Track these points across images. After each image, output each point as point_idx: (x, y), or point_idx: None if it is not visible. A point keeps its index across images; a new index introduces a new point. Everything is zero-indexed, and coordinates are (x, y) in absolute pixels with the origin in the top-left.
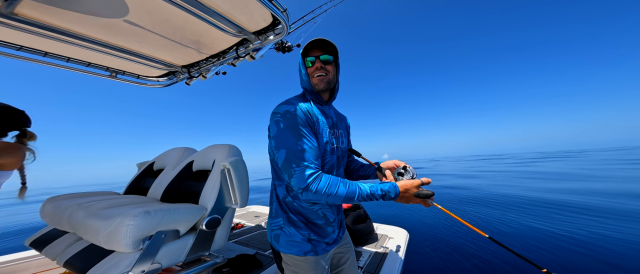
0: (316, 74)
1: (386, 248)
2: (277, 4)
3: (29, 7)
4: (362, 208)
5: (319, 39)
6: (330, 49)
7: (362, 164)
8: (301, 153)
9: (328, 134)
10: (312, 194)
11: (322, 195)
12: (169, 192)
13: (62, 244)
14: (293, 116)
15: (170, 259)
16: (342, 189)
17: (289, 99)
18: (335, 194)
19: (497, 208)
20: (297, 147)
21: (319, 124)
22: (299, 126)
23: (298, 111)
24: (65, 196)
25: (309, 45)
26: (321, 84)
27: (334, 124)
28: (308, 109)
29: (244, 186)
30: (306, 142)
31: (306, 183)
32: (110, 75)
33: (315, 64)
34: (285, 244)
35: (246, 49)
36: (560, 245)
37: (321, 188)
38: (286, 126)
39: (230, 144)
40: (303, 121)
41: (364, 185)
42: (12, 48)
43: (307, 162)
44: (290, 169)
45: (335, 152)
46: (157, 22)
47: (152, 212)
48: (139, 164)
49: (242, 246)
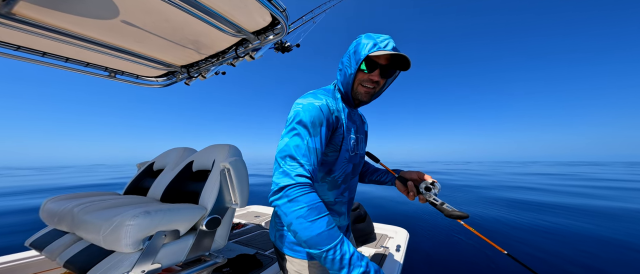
0: (366, 84)
1: (386, 248)
2: (276, 3)
3: (27, 7)
4: (362, 207)
5: (399, 54)
6: (401, 64)
7: (377, 169)
8: (305, 150)
9: (349, 140)
10: (284, 202)
11: (293, 211)
12: (169, 193)
13: (62, 244)
14: (316, 109)
15: (170, 259)
16: (322, 223)
17: (316, 91)
18: (310, 222)
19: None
20: (303, 141)
21: (343, 128)
22: (318, 122)
23: (324, 107)
24: (65, 196)
25: (374, 52)
26: (365, 97)
27: (357, 129)
28: (336, 109)
29: (244, 185)
30: (317, 142)
31: (287, 183)
32: (109, 75)
33: (373, 74)
34: (292, 246)
35: (245, 49)
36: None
37: (300, 201)
38: (304, 116)
39: (230, 144)
40: (323, 120)
41: (350, 244)
42: (10, 48)
43: (304, 162)
44: (280, 160)
45: (353, 160)
46: (156, 22)
47: (152, 212)
48: (139, 165)
49: (242, 246)
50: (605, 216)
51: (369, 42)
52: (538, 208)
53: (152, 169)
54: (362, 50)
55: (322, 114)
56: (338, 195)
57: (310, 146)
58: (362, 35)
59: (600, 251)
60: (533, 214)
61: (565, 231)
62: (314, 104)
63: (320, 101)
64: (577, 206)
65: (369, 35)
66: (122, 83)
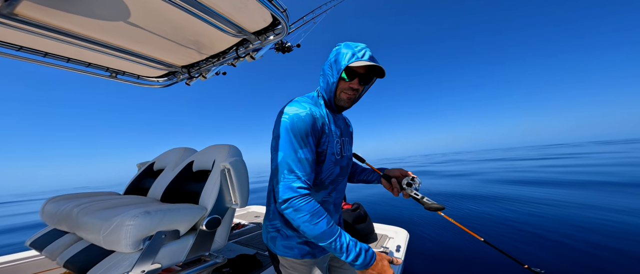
0: (347, 92)
1: (386, 248)
2: (276, 4)
3: (29, 8)
4: (362, 207)
5: (375, 65)
6: (378, 72)
7: (364, 169)
8: (298, 163)
9: (335, 144)
10: (291, 210)
11: (299, 218)
12: (169, 193)
13: (62, 244)
14: (302, 120)
15: (170, 259)
16: (323, 223)
17: (300, 99)
18: (313, 224)
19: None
20: (296, 154)
21: (329, 133)
22: (305, 133)
23: (309, 116)
24: (66, 196)
25: (354, 63)
26: (347, 103)
27: (342, 132)
28: (320, 115)
29: (244, 186)
30: (307, 152)
31: (290, 196)
32: (110, 75)
33: (352, 82)
34: (283, 246)
35: (246, 49)
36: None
37: (303, 209)
38: (292, 129)
39: (230, 144)
40: (311, 128)
41: (346, 235)
42: (12, 48)
43: (300, 174)
44: (281, 174)
45: (339, 163)
46: (157, 22)
47: (152, 212)
48: (139, 165)
49: (242, 246)
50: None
51: (348, 51)
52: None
53: (152, 169)
54: (342, 60)
55: (308, 124)
56: (325, 195)
57: (302, 157)
58: (341, 45)
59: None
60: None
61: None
62: (299, 115)
63: (305, 110)
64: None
65: (348, 45)
66: (123, 83)
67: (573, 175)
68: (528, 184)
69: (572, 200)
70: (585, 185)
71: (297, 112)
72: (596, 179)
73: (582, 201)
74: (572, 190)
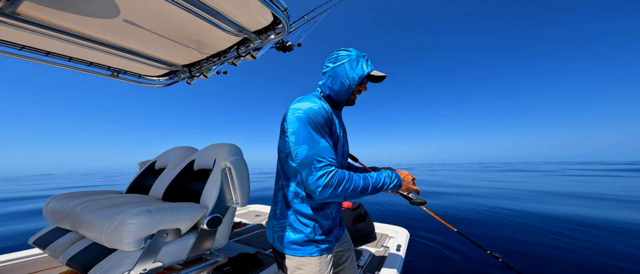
0: (357, 94)
1: (387, 248)
2: (277, 3)
3: (31, 7)
4: (362, 207)
5: (383, 76)
6: (379, 78)
7: (356, 168)
8: (324, 150)
9: (340, 138)
10: (330, 189)
11: (341, 190)
12: (170, 192)
13: (65, 242)
14: (317, 114)
15: (171, 258)
16: (358, 181)
17: (307, 97)
18: (353, 188)
19: None
20: (320, 144)
21: (335, 127)
22: (321, 125)
23: (322, 110)
24: (68, 194)
25: (373, 71)
26: (354, 102)
27: (344, 129)
28: (329, 111)
29: (245, 185)
30: (328, 141)
31: (328, 178)
32: (112, 74)
33: (363, 86)
34: (290, 245)
35: (247, 48)
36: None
37: (341, 182)
38: (309, 122)
39: (231, 143)
40: (325, 121)
41: (379, 175)
42: (15, 48)
43: (330, 159)
44: (311, 166)
45: (344, 155)
46: (158, 21)
47: (154, 211)
48: (141, 163)
49: (243, 245)
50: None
51: (360, 59)
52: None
53: (153, 168)
54: (360, 67)
55: (324, 117)
56: None
57: (325, 145)
58: (352, 51)
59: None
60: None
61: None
62: (314, 108)
63: (317, 104)
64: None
65: (356, 51)
66: (125, 82)
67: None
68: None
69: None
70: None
71: (310, 106)
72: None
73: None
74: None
